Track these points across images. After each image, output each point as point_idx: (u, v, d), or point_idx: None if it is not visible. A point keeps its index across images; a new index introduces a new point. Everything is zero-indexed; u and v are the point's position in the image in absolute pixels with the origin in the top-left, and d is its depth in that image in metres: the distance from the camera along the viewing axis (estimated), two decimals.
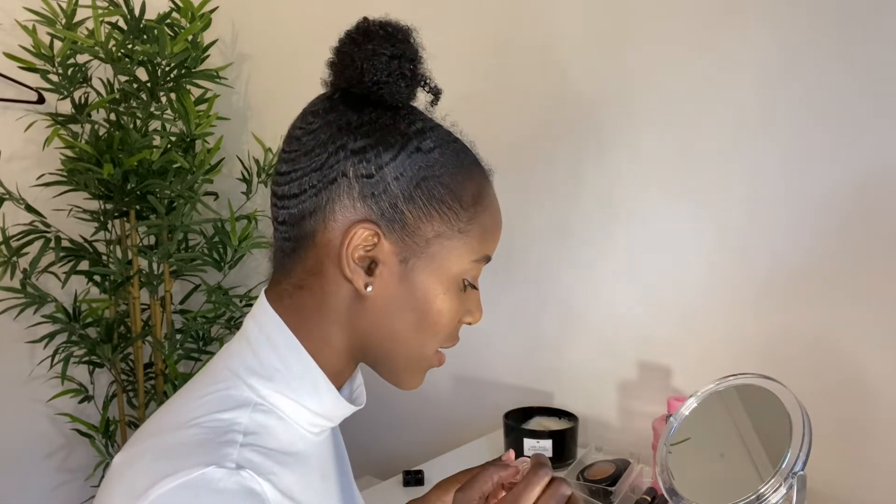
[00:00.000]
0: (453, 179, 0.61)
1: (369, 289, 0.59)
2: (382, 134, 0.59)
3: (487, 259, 0.64)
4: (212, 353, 1.93)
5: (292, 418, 0.61)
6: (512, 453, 0.71)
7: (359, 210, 0.59)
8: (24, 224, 1.72)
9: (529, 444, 1.31)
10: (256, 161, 1.94)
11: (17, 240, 1.69)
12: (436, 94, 0.63)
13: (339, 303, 0.61)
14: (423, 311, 0.61)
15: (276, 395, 0.60)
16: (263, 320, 0.62)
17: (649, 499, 1.13)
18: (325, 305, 0.61)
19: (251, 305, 2.06)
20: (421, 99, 0.63)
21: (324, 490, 0.64)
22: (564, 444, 1.31)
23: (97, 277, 1.81)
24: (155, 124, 1.77)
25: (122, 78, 1.70)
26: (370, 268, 0.59)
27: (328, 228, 0.59)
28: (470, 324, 0.66)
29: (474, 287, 0.64)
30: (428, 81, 0.62)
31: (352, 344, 0.63)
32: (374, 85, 0.58)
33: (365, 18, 0.61)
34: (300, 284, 0.61)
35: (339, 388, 0.65)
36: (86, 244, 1.79)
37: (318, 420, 0.63)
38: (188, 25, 1.74)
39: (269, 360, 0.60)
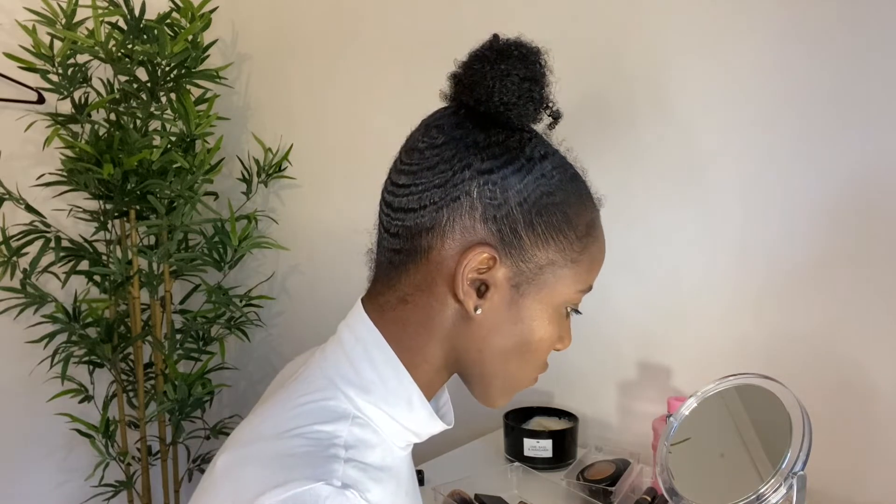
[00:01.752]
0: (571, 208, 0.61)
1: (478, 311, 0.59)
2: (511, 156, 0.58)
3: (590, 289, 0.64)
4: (212, 354, 1.94)
5: (386, 433, 0.61)
6: None
7: (479, 231, 0.58)
8: (24, 224, 1.72)
9: (529, 444, 1.31)
10: (256, 161, 1.94)
11: (17, 240, 1.69)
12: (556, 117, 0.62)
13: (443, 321, 0.61)
14: (526, 337, 0.61)
15: (372, 408, 0.60)
16: (361, 332, 0.62)
17: (649, 499, 1.13)
18: (428, 322, 0.61)
19: (252, 305, 2.09)
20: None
21: None
22: (564, 444, 1.31)
23: (97, 277, 1.81)
24: (155, 124, 1.77)
25: (122, 78, 1.70)
26: (480, 290, 0.59)
27: (445, 247, 0.59)
28: (558, 349, 0.66)
29: (577, 312, 0.65)
30: (551, 105, 0.61)
31: (448, 361, 0.63)
32: (503, 105, 0.58)
33: (496, 36, 0.60)
34: (405, 299, 0.61)
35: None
36: (86, 244, 1.79)
37: (408, 436, 0.63)
38: (188, 25, 1.74)
39: (366, 373, 0.60)
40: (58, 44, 1.69)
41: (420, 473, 1.28)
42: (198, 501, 0.57)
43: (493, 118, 0.59)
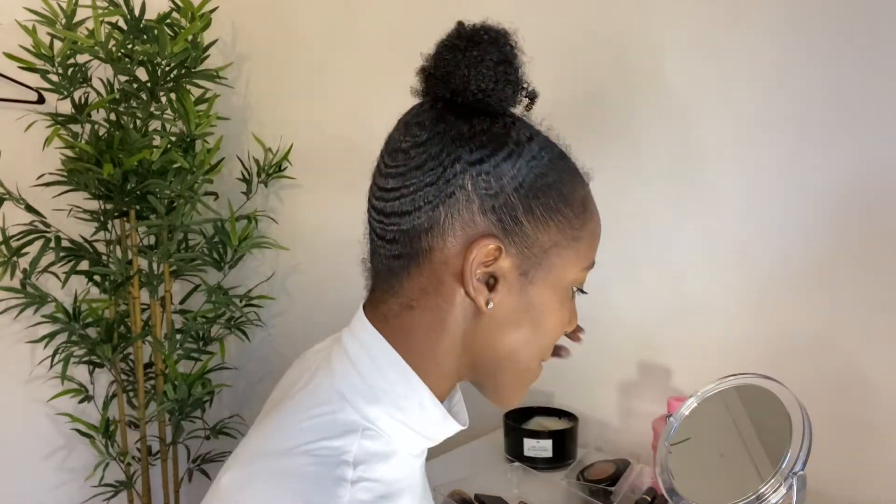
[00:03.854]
0: (565, 186, 0.59)
1: (490, 305, 0.58)
2: (498, 143, 0.57)
3: (593, 265, 0.64)
4: (212, 354, 1.94)
5: (400, 442, 0.59)
6: None
7: (480, 224, 0.57)
8: (24, 224, 1.72)
9: (529, 444, 1.31)
10: (256, 161, 1.94)
11: (17, 240, 1.69)
12: (532, 98, 0.61)
13: (454, 321, 0.59)
14: (538, 323, 0.60)
15: (383, 416, 0.58)
16: (366, 340, 0.60)
17: (649, 499, 1.13)
18: (439, 324, 0.59)
19: (252, 305, 2.09)
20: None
21: None
22: (564, 444, 1.31)
23: (97, 277, 1.81)
24: (155, 124, 1.77)
25: (122, 78, 1.70)
26: (489, 283, 0.58)
27: (447, 245, 0.57)
28: (567, 332, 0.66)
29: (583, 291, 0.64)
30: (527, 86, 0.60)
31: (461, 363, 0.61)
32: (481, 93, 0.56)
33: (461, 24, 0.59)
34: (411, 304, 0.59)
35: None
36: (86, 244, 1.79)
37: (422, 441, 0.62)
38: (188, 25, 1.74)
39: (375, 381, 0.59)
40: (58, 44, 1.69)
41: None
42: None
43: (472, 107, 0.58)
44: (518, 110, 0.61)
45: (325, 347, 0.68)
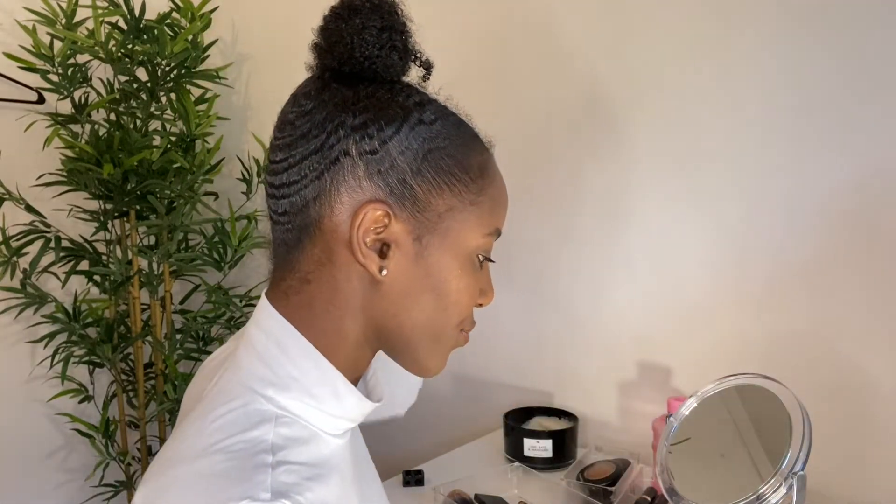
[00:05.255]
0: (458, 150, 0.58)
1: (384, 272, 0.56)
2: (382, 108, 0.56)
3: (498, 233, 0.62)
4: (211, 353, 1.93)
5: (316, 426, 0.58)
6: None
7: (366, 189, 0.56)
8: (24, 224, 1.72)
9: (529, 444, 1.31)
10: (256, 161, 1.94)
11: (17, 240, 1.69)
12: (427, 67, 0.61)
13: (352, 292, 0.57)
14: (441, 290, 0.58)
15: (296, 403, 0.57)
16: (270, 327, 0.59)
17: (649, 499, 1.13)
18: (337, 296, 0.57)
19: (251, 305, 2.08)
20: (412, 75, 0.61)
21: (357, 493, 0.62)
22: (564, 444, 1.31)
23: (97, 277, 1.81)
24: (155, 124, 1.77)
25: (122, 78, 1.70)
26: (383, 250, 0.57)
27: (335, 213, 0.56)
28: (482, 305, 0.63)
29: (490, 260, 0.62)
30: (419, 55, 0.59)
31: (368, 334, 0.60)
32: (366, 60, 0.56)
33: None
34: (307, 278, 0.58)
35: (354, 382, 0.62)
36: (86, 244, 1.79)
37: (341, 423, 0.60)
38: (188, 25, 1.74)
39: (284, 369, 0.57)
40: (58, 44, 1.69)
41: (420, 473, 1.28)
42: None
43: (358, 75, 0.57)
44: (414, 81, 0.61)
45: (231, 347, 0.67)
